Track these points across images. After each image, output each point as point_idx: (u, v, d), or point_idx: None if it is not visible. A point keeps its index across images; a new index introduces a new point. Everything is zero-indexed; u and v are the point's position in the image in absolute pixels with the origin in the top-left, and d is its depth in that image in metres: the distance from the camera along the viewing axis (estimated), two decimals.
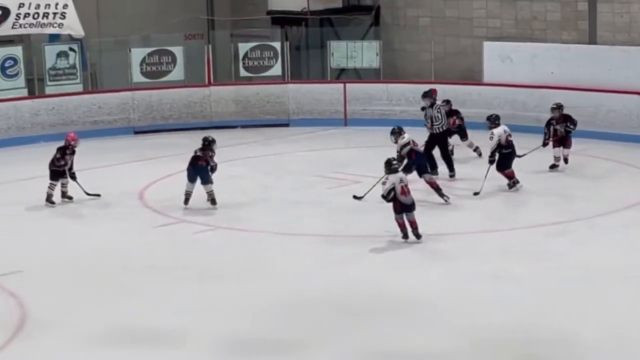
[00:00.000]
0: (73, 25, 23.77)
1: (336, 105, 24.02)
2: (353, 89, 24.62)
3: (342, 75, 26.06)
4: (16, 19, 23.17)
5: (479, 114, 20.80)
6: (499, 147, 17.64)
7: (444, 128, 18.89)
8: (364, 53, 25.16)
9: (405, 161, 16.91)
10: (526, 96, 23.01)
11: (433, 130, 18.80)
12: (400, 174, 15.19)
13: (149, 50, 24.93)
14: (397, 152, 17.03)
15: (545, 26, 24.12)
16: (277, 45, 25.38)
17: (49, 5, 23.58)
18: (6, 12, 23.05)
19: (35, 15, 23.33)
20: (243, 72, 25.23)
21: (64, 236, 16.18)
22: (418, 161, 17.09)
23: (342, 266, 14.35)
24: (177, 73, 24.89)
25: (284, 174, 19.54)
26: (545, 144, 19.01)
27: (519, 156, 17.98)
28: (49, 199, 17.65)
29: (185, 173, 17.24)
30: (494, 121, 17.93)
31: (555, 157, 19.16)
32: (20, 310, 12.72)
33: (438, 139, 18.82)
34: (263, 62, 25.20)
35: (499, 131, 17.71)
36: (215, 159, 17.06)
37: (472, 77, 24.37)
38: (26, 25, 23.43)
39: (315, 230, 16.01)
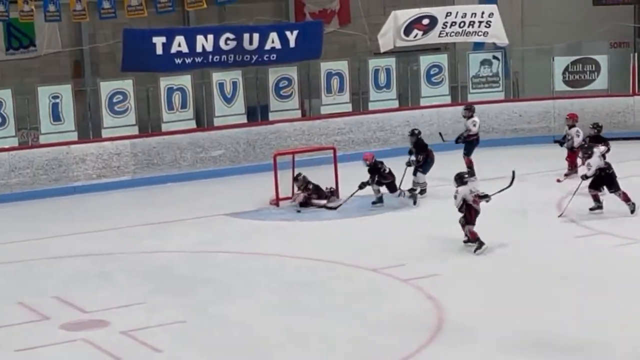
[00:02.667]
0: (498, 34, 23.91)
1: None
2: None
3: None
4: (443, 28, 23.67)
5: None
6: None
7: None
8: None
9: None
10: None
11: None
12: (470, 186, 15.44)
13: (573, 58, 24.72)
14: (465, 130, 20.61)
15: None
16: None
17: (475, 14, 23.82)
18: (434, 20, 23.60)
19: (462, 24, 23.70)
20: None
21: None
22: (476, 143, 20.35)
23: None
24: (601, 82, 24.51)
25: None
26: None
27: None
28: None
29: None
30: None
31: None
32: (437, 313, 12.98)
33: None
34: None
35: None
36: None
37: None
38: (452, 34, 23.87)
39: None
